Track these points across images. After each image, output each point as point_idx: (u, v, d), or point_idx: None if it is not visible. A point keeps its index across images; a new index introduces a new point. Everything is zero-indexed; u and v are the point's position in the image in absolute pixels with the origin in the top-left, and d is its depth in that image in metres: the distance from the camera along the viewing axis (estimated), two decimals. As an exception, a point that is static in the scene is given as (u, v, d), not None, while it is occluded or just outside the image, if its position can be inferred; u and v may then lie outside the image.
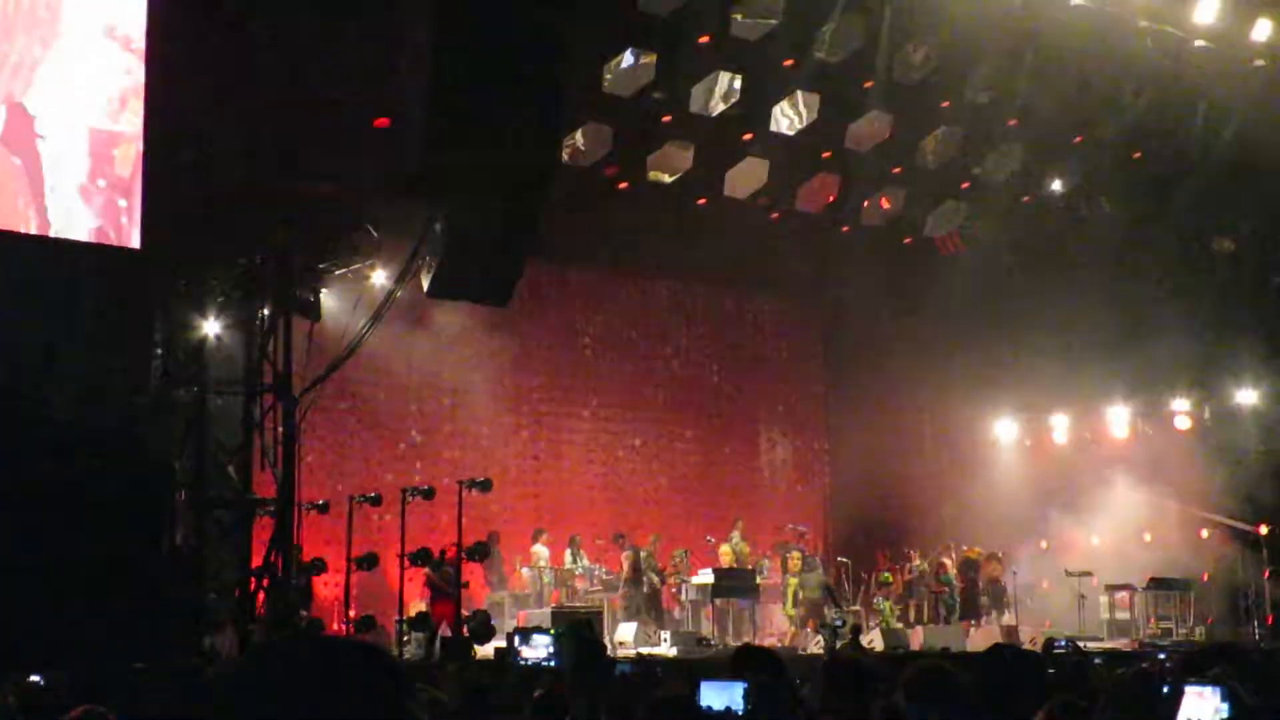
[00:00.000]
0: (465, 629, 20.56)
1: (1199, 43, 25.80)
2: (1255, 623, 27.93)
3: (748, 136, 25.87)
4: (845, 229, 28.55)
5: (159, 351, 19.00)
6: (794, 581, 26.58)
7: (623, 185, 25.78)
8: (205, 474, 18.86)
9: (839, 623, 23.97)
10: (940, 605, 27.85)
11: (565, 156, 24.24)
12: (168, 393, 19.11)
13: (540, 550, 25.49)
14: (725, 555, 26.44)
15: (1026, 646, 24.12)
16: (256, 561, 19.26)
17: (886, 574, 28.49)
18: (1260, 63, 26.43)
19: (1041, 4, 24.40)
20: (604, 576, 25.70)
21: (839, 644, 22.27)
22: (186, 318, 18.87)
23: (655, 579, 25.40)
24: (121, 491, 17.60)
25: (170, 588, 18.23)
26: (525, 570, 25.35)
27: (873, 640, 24.67)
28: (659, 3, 22.99)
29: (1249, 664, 6.60)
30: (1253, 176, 27.36)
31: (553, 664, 18.20)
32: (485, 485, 21.89)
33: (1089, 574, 28.32)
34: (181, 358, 19.00)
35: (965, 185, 28.51)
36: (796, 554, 27.23)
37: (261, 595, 18.94)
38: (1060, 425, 31.77)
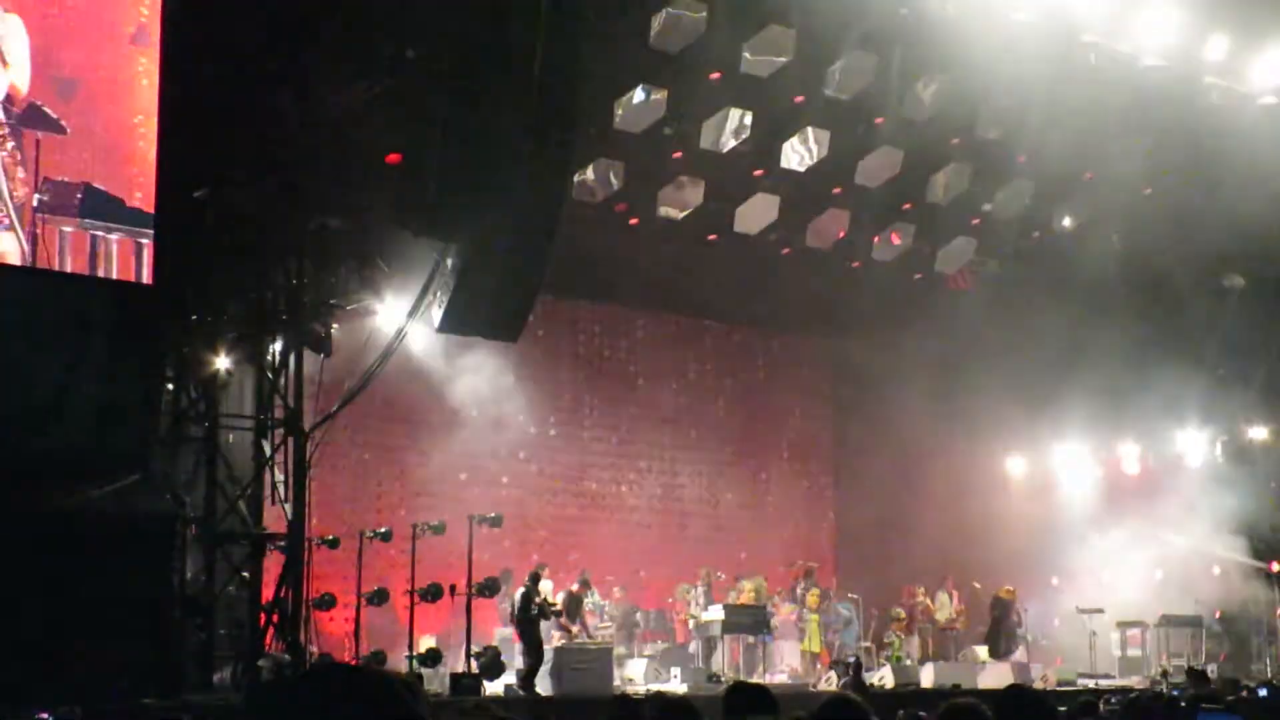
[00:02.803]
0: (474, 664, 20.55)
1: (1207, 79, 25.89)
2: (1267, 660, 27.85)
3: (758, 173, 25.91)
4: (855, 265, 28.57)
5: (170, 386, 19.06)
6: (814, 618, 26.60)
7: (633, 221, 25.83)
8: (216, 509, 18.90)
9: (852, 659, 23.94)
10: (929, 640, 27.98)
11: (576, 192, 24.30)
12: (179, 428, 19.17)
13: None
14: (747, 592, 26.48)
15: (1037, 684, 24.18)
16: (267, 596, 19.28)
17: (899, 610, 28.44)
18: (1269, 100, 26.49)
19: (1050, 43, 24.49)
20: (614, 612, 25.69)
21: (840, 681, 22.22)
22: (198, 353, 18.93)
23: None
24: (132, 526, 17.64)
25: (180, 623, 18.26)
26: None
27: (883, 677, 24.61)
28: (670, 40, 23.07)
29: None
30: (1261, 213, 27.39)
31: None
32: (496, 521, 21.92)
33: (1100, 611, 28.25)
34: (193, 393, 19.07)
35: (975, 221, 28.53)
36: (816, 591, 27.28)
37: (271, 630, 18.96)
38: (1072, 459, 31.75)
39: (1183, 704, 6.92)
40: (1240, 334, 28.27)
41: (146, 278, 18.03)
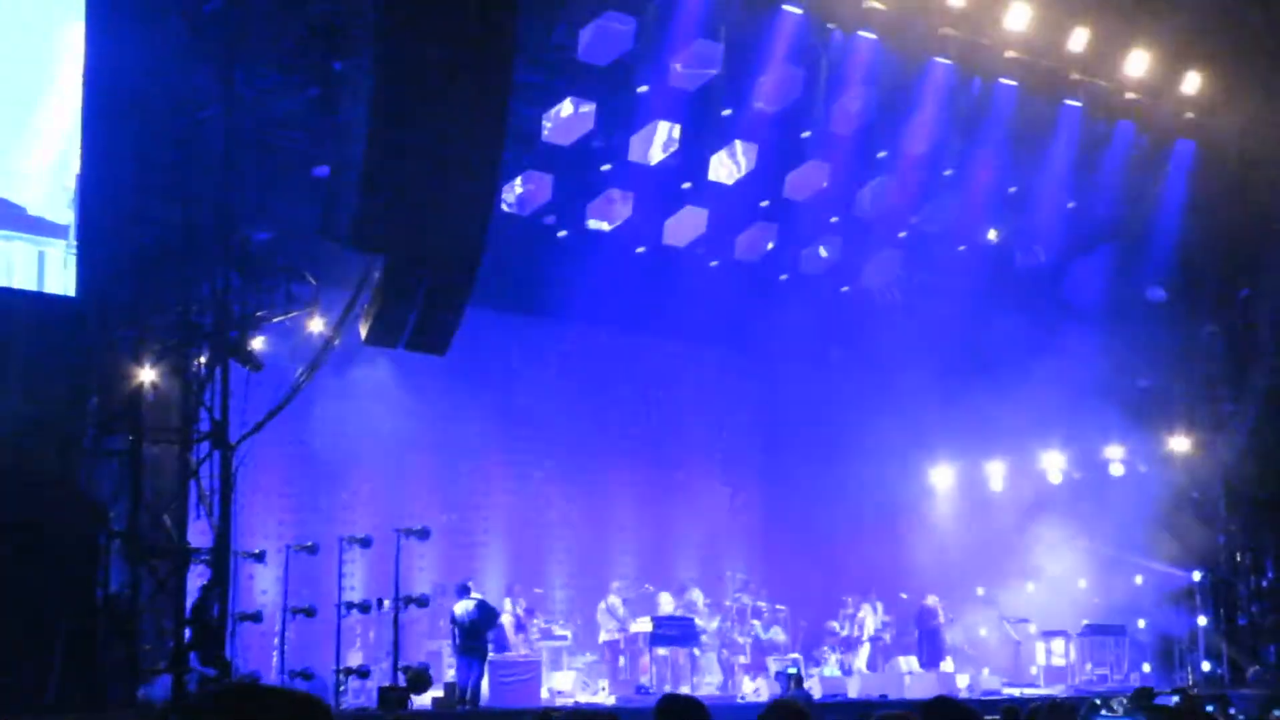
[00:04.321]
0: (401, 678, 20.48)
1: (1129, 95, 26.25)
2: (1189, 669, 28.18)
3: (686, 185, 26.01)
4: (783, 277, 28.72)
5: (94, 399, 18.88)
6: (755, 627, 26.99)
7: (562, 234, 25.87)
8: (140, 523, 18.72)
9: (793, 669, 24.00)
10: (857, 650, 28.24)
11: (504, 205, 24.30)
12: (103, 441, 18.98)
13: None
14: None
15: (962, 694, 24.38)
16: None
17: (834, 622, 28.63)
18: (1190, 115, 26.90)
19: (975, 59, 24.77)
20: (543, 625, 25.68)
21: (785, 692, 22.28)
22: (122, 365, 18.75)
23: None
24: (55, 541, 17.46)
25: (104, 638, 18.08)
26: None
27: (810, 688, 24.73)
28: (599, 52, 23.14)
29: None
30: (1184, 225, 27.81)
31: None
32: (424, 534, 21.84)
33: (1025, 620, 28.48)
34: (117, 406, 18.88)
35: (902, 235, 28.75)
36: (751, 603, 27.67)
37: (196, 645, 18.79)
38: (995, 471, 31.99)
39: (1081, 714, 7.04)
40: (1163, 345, 28.63)
41: (47, 286, 17.91)
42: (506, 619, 24.64)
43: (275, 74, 20.02)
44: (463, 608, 22.00)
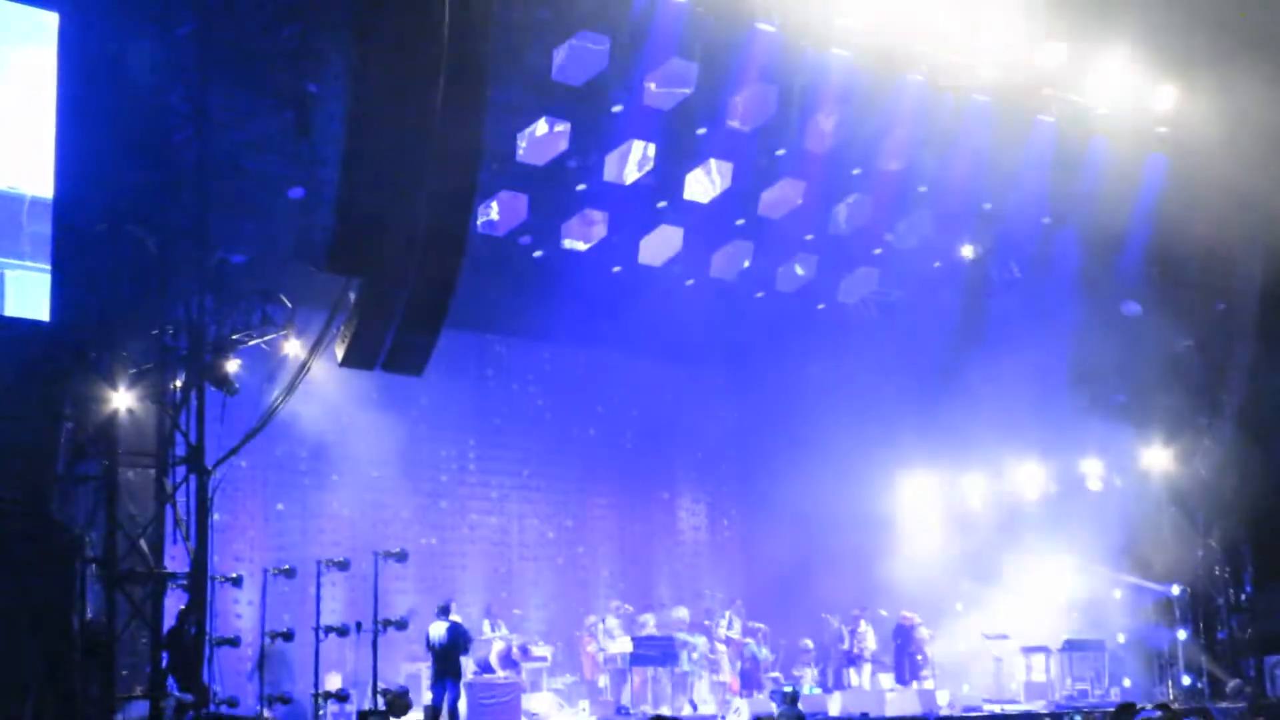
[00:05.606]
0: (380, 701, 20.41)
1: (1102, 110, 26.34)
2: (1169, 683, 28.20)
3: (662, 204, 26.00)
4: (759, 295, 28.73)
5: (68, 424, 18.76)
6: (723, 649, 26.85)
7: (537, 254, 25.84)
8: (116, 548, 18.58)
9: (790, 688, 23.97)
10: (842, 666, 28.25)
11: (479, 225, 24.26)
12: (78, 466, 18.86)
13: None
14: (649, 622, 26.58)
15: (943, 711, 24.37)
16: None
17: (807, 640, 28.59)
18: (1163, 129, 26.99)
19: (946, 76, 24.84)
20: (520, 642, 25.62)
21: (779, 710, 22.21)
22: (97, 389, 18.63)
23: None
24: (30, 567, 17.35)
25: (80, 664, 17.96)
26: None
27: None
28: (573, 72, 23.13)
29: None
30: (1159, 239, 27.90)
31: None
32: (401, 556, 21.78)
33: (1005, 636, 28.47)
34: (92, 430, 18.76)
35: (877, 251, 28.77)
36: (739, 622, 27.57)
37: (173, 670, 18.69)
38: (973, 487, 31.99)
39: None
40: (1139, 360, 28.66)
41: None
42: (499, 646, 24.58)
43: (249, 96, 19.96)
44: (436, 631, 21.94)
